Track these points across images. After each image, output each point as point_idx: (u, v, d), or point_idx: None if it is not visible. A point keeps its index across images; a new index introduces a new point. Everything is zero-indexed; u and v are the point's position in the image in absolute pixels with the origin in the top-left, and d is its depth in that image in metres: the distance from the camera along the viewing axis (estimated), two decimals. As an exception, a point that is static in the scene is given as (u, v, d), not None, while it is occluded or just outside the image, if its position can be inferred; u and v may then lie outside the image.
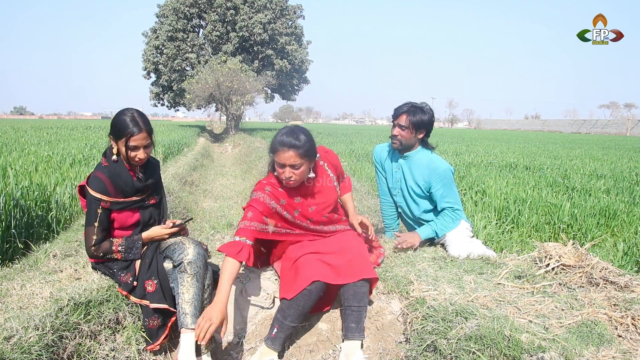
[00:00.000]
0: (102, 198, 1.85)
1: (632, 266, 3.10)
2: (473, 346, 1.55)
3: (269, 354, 1.92)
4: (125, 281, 1.91)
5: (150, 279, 1.89)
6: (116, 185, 1.88)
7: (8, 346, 1.44)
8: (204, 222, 4.08)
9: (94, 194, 1.85)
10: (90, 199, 1.86)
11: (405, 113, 2.57)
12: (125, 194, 1.92)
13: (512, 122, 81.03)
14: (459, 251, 2.52)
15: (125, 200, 1.92)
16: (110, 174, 1.88)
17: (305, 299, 1.92)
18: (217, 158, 12.46)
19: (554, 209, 4.50)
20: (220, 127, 37.07)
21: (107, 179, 1.87)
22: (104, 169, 1.90)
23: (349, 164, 7.77)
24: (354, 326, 1.93)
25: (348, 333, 1.94)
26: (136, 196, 1.97)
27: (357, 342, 1.93)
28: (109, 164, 1.91)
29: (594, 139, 30.37)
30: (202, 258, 1.94)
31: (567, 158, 11.33)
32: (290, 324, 1.93)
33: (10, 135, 13.42)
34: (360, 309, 1.95)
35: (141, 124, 1.88)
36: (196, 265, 1.87)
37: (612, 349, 1.50)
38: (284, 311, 1.93)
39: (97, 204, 1.86)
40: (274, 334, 1.93)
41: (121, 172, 1.91)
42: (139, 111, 1.92)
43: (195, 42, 26.33)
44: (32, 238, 3.11)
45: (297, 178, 1.95)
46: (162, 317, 1.88)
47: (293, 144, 1.89)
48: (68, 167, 5.92)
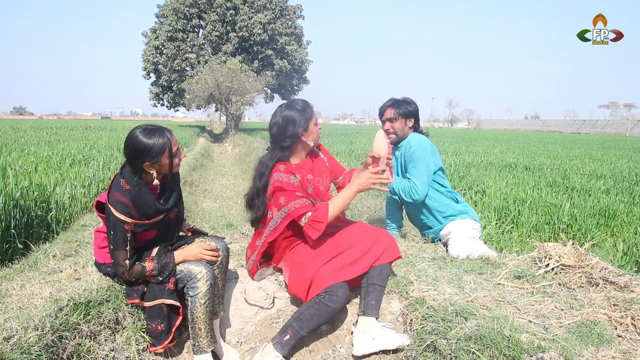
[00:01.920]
0: (126, 220, 1.73)
1: (631, 266, 3.11)
2: (473, 346, 1.55)
3: (276, 356, 1.89)
4: (138, 289, 1.86)
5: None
6: (139, 210, 1.77)
7: (8, 346, 1.43)
8: (204, 222, 4.08)
9: (118, 215, 1.72)
10: (115, 221, 1.73)
11: (390, 106, 2.68)
12: (148, 217, 1.81)
13: (511, 122, 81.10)
14: (459, 251, 2.52)
15: (148, 223, 1.82)
16: (132, 198, 1.74)
17: (330, 315, 1.90)
18: (216, 158, 12.45)
19: (553, 209, 4.51)
20: (220, 127, 37.05)
21: (130, 202, 1.73)
22: (126, 192, 1.74)
23: (348, 164, 7.77)
24: (373, 303, 1.97)
25: (367, 309, 1.97)
26: (158, 216, 1.85)
27: (373, 318, 1.97)
28: (131, 187, 1.74)
29: (593, 139, 30.38)
30: (215, 282, 1.95)
31: (567, 158, 11.34)
32: (305, 334, 1.93)
33: (10, 135, 13.41)
34: (382, 288, 2.02)
35: (162, 130, 1.78)
36: (207, 297, 1.86)
37: (612, 349, 1.50)
38: (302, 322, 1.89)
39: (122, 226, 1.73)
40: (285, 340, 1.89)
41: (144, 196, 1.78)
42: (141, 127, 1.79)
43: (195, 42, 26.33)
44: (32, 238, 3.11)
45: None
46: (166, 322, 1.85)
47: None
48: (68, 168, 5.92)
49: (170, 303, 1.84)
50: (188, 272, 1.87)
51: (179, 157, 1.84)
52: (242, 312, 2.24)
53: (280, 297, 2.27)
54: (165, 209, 1.85)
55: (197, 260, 1.92)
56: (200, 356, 1.88)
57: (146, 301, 1.85)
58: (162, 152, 1.74)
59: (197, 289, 1.85)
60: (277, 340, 1.90)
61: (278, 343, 1.89)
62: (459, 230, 2.61)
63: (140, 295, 1.85)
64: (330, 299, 1.84)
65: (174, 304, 1.85)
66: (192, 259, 1.91)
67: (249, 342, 2.17)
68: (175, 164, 1.82)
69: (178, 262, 1.88)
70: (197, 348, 1.87)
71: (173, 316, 1.89)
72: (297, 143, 2.10)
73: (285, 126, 2.05)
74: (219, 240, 2.10)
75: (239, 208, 5.38)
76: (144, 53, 27.40)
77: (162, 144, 1.73)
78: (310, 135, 2.10)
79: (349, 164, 7.88)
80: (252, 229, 3.02)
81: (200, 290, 1.85)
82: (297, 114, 2.06)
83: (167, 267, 1.85)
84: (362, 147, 11.86)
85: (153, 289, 1.85)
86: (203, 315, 1.86)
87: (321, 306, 1.85)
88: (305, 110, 2.08)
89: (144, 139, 1.71)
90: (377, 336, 1.90)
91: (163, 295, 1.83)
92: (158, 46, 26.38)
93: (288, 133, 2.05)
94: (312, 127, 2.09)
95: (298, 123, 2.05)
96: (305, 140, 2.10)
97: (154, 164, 1.75)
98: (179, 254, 1.90)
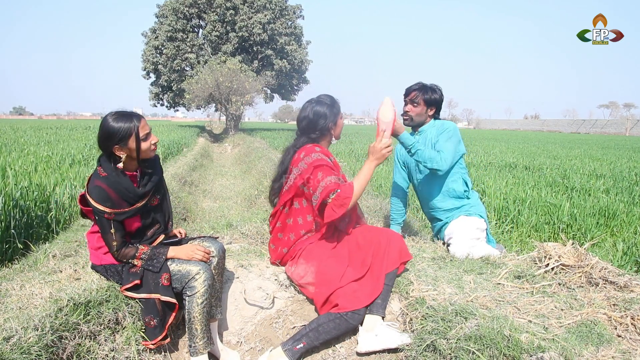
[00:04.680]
0: (105, 210, 1.78)
1: (631, 266, 3.11)
2: (473, 346, 1.55)
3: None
4: (135, 271, 1.88)
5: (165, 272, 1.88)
6: (119, 194, 1.81)
7: (7, 346, 1.43)
8: (204, 222, 4.08)
9: (97, 206, 1.77)
10: (95, 211, 1.80)
11: (416, 90, 2.68)
12: (129, 203, 1.85)
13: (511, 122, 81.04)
14: (460, 253, 2.51)
15: (129, 210, 1.85)
16: (110, 183, 1.80)
17: (349, 330, 1.96)
18: (216, 158, 12.45)
19: (553, 208, 4.51)
20: (220, 127, 37.06)
21: (108, 187, 1.79)
22: (103, 179, 1.81)
23: (348, 164, 7.77)
24: (380, 302, 2.01)
25: (373, 308, 2.00)
26: (139, 202, 1.90)
27: (379, 317, 2.00)
28: (108, 173, 1.82)
29: (593, 139, 30.39)
30: (213, 283, 1.94)
31: (567, 158, 11.34)
32: (318, 345, 1.95)
33: (10, 135, 13.41)
34: (390, 287, 2.07)
35: (131, 114, 1.84)
36: (204, 297, 1.87)
37: (612, 349, 1.50)
38: (320, 334, 1.91)
39: (102, 216, 1.79)
40: (297, 348, 1.89)
41: (122, 181, 1.83)
42: (112, 112, 1.85)
43: (194, 42, 26.33)
44: (32, 238, 3.11)
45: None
46: (159, 318, 1.86)
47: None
48: (67, 168, 5.92)
49: (165, 300, 1.85)
50: (186, 272, 1.88)
51: (150, 142, 1.88)
52: (242, 312, 2.24)
53: (280, 297, 2.27)
54: (144, 192, 1.90)
55: (189, 258, 1.94)
56: (196, 358, 1.88)
57: (140, 293, 1.86)
58: (129, 136, 1.80)
59: (194, 288, 1.86)
60: (289, 347, 1.89)
61: (289, 350, 1.89)
62: (462, 231, 2.60)
63: (136, 279, 1.86)
64: (353, 317, 1.92)
65: (170, 300, 1.86)
66: (184, 256, 1.93)
67: (249, 342, 2.17)
68: (144, 148, 1.86)
69: (170, 256, 1.92)
70: (194, 349, 1.88)
71: (167, 312, 1.90)
72: (326, 135, 2.23)
73: (316, 120, 2.18)
74: (215, 242, 2.11)
75: (239, 208, 5.38)
76: (144, 53, 27.40)
77: (128, 128, 1.80)
78: (337, 128, 2.25)
79: (348, 164, 7.88)
80: (251, 229, 3.02)
81: (198, 290, 1.86)
82: (327, 108, 2.19)
83: (158, 257, 1.88)
84: (362, 147, 11.86)
85: (149, 283, 1.86)
86: (200, 315, 1.86)
87: (343, 322, 1.91)
88: (334, 105, 2.22)
89: (112, 123, 1.79)
90: (381, 334, 1.93)
91: (158, 290, 1.84)
92: (158, 46, 26.38)
93: (319, 126, 2.19)
94: (339, 122, 2.25)
95: (328, 117, 2.19)
96: (333, 133, 2.24)
97: (123, 147, 1.81)
98: (172, 249, 1.95)
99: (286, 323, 2.21)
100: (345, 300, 1.91)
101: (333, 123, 2.21)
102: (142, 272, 1.87)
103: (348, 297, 1.91)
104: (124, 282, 1.88)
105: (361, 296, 1.95)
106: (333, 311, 1.91)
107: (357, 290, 1.95)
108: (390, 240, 2.09)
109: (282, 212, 2.22)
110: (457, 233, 2.61)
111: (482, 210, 2.71)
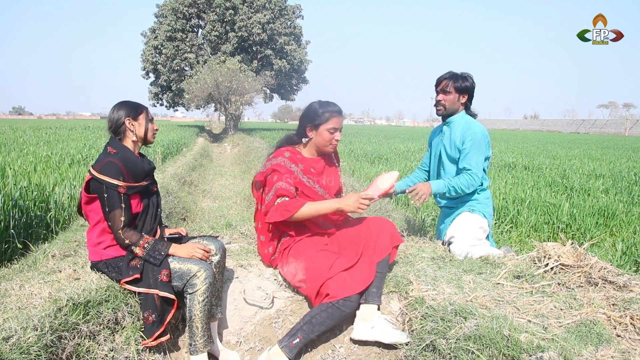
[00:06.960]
0: (119, 184, 1.84)
1: (630, 266, 3.11)
2: (472, 346, 1.55)
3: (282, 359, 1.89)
4: (135, 265, 1.89)
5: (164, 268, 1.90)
6: (129, 169, 1.89)
7: (7, 346, 1.43)
8: (203, 222, 4.08)
9: (111, 180, 1.83)
10: (108, 186, 1.84)
11: (447, 79, 2.67)
12: (136, 178, 1.93)
13: (511, 122, 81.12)
14: (461, 250, 2.51)
15: (138, 185, 1.93)
16: (120, 158, 1.89)
17: (343, 319, 1.96)
18: (216, 158, 12.45)
19: (552, 208, 4.51)
20: (219, 127, 37.04)
21: (119, 162, 1.87)
22: (114, 155, 1.90)
23: (348, 164, 7.77)
24: (374, 291, 2.02)
25: (368, 297, 2.01)
26: (145, 180, 1.99)
27: (375, 306, 2.01)
28: (118, 150, 1.93)
29: (592, 139, 30.43)
30: (214, 282, 1.96)
31: (566, 158, 11.35)
32: (314, 338, 1.95)
33: (9, 135, 13.40)
34: (383, 275, 2.09)
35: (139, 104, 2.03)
36: (205, 295, 1.88)
37: (611, 349, 1.50)
38: (314, 326, 1.90)
39: (115, 190, 1.84)
40: (294, 343, 1.89)
41: (130, 156, 1.94)
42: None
43: (194, 42, 26.33)
44: (31, 238, 3.10)
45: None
46: (157, 314, 1.86)
47: (341, 110, 2.17)
48: (67, 167, 5.91)
49: (164, 295, 1.85)
50: (188, 270, 1.88)
51: (154, 126, 2.06)
52: (242, 312, 2.24)
53: (280, 297, 2.27)
54: (149, 168, 2.03)
55: (189, 256, 1.95)
56: (195, 357, 1.88)
57: (139, 287, 1.87)
58: (140, 112, 1.99)
59: (195, 286, 1.87)
60: (285, 344, 1.88)
61: (286, 347, 1.88)
62: (464, 231, 2.60)
63: (136, 273, 1.87)
64: (345, 304, 1.90)
65: (168, 296, 1.86)
66: (184, 254, 1.95)
67: (248, 342, 2.17)
68: (150, 128, 2.02)
69: (171, 252, 1.94)
70: (193, 348, 1.88)
71: (166, 309, 1.90)
72: (307, 138, 2.17)
73: (303, 116, 2.17)
74: (215, 241, 2.12)
75: (239, 208, 5.38)
76: (143, 53, 27.38)
77: (140, 105, 2.02)
78: (318, 137, 2.13)
79: (348, 163, 7.88)
80: (251, 229, 3.03)
81: (199, 288, 1.86)
82: (314, 111, 2.13)
83: (159, 250, 1.90)
84: (362, 147, 11.87)
85: (148, 278, 1.87)
86: (201, 313, 1.87)
87: (335, 310, 1.90)
88: (324, 112, 2.11)
89: (126, 101, 2.01)
90: (377, 327, 1.94)
91: (157, 286, 1.85)
92: (157, 46, 26.37)
93: (301, 123, 2.18)
94: (322, 130, 2.11)
95: (310, 119, 2.13)
96: (310, 137, 2.16)
97: (134, 120, 1.97)
98: (173, 246, 1.97)
99: (286, 323, 2.21)
100: (335, 289, 1.90)
101: (314, 127, 2.13)
102: (142, 266, 1.88)
103: (338, 286, 1.91)
104: (123, 275, 1.88)
105: (351, 284, 1.93)
106: (325, 301, 1.91)
107: (347, 279, 1.94)
108: (382, 227, 2.11)
109: (260, 211, 2.27)
110: (460, 232, 2.60)
111: (487, 210, 2.70)
